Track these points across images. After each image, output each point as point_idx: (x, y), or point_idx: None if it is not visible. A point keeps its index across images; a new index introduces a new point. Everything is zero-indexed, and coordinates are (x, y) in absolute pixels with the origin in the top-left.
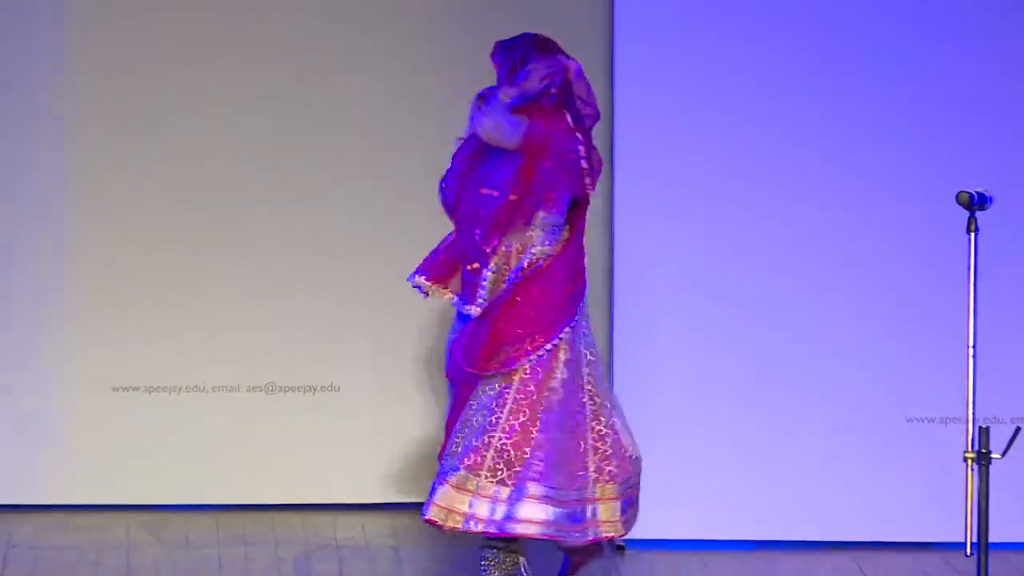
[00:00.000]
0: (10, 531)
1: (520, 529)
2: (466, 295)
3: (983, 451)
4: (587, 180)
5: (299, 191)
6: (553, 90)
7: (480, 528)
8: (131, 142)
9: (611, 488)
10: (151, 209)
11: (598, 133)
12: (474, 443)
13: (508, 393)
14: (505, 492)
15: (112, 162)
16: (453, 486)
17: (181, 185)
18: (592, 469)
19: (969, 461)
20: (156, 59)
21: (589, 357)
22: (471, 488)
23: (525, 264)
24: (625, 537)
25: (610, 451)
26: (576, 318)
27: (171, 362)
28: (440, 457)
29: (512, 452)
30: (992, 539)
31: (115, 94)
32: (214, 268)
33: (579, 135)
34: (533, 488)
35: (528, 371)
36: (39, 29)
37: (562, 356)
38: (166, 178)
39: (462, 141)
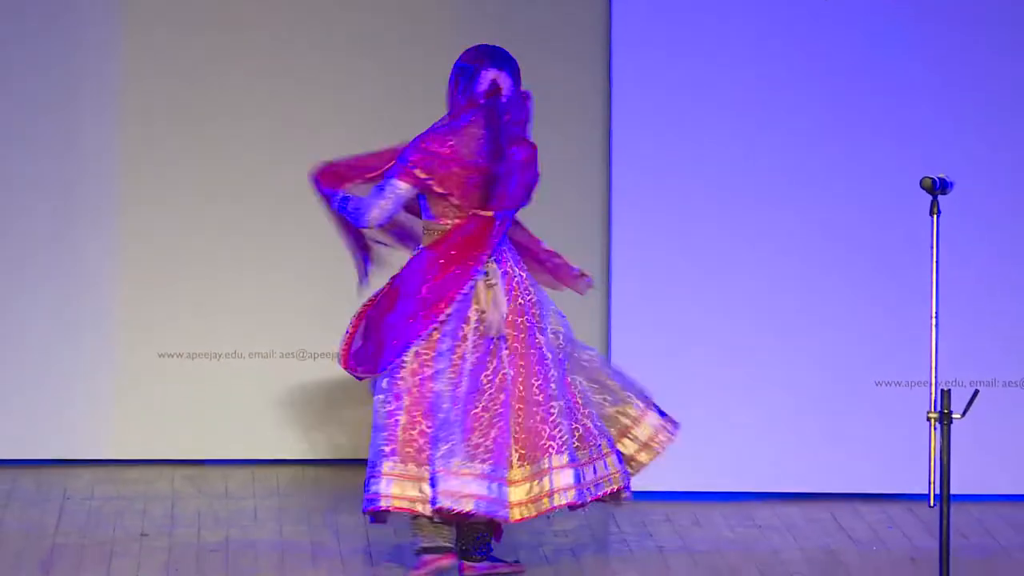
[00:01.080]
0: (65, 483)
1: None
2: None
3: (945, 412)
4: None
5: None
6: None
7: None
8: (171, 137)
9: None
10: (194, 197)
11: (595, 126)
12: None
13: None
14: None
15: (157, 155)
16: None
17: (219, 176)
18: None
19: (932, 421)
20: (195, 69)
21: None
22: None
23: None
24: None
25: None
26: None
27: (212, 331)
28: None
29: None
30: (953, 491)
31: (163, 96)
32: (250, 248)
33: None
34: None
35: None
36: (90, 37)
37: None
38: (204, 170)
39: None
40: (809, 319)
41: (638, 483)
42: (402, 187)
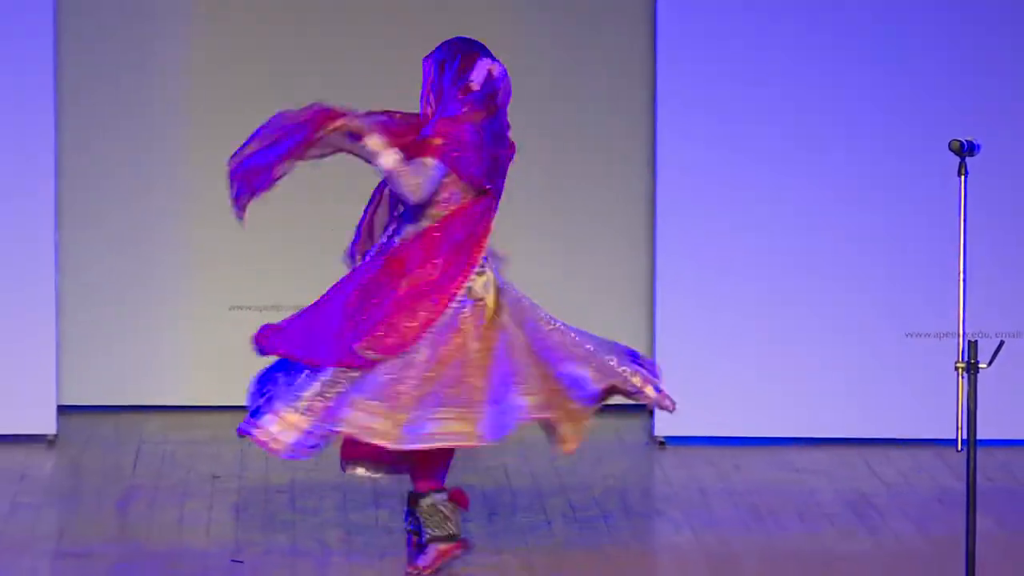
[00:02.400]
0: (141, 429)
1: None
2: None
3: (972, 362)
4: None
5: None
6: None
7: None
8: (241, 95)
9: None
10: None
11: (640, 110)
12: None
13: None
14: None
15: (229, 112)
16: None
17: None
18: None
19: (960, 370)
20: (266, 28)
21: None
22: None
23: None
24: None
25: None
26: None
27: (280, 284)
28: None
29: None
30: (979, 437)
31: (232, 55)
32: (318, 203)
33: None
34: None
35: None
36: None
37: None
38: None
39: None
40: (844, 276)
41: (680, 429)
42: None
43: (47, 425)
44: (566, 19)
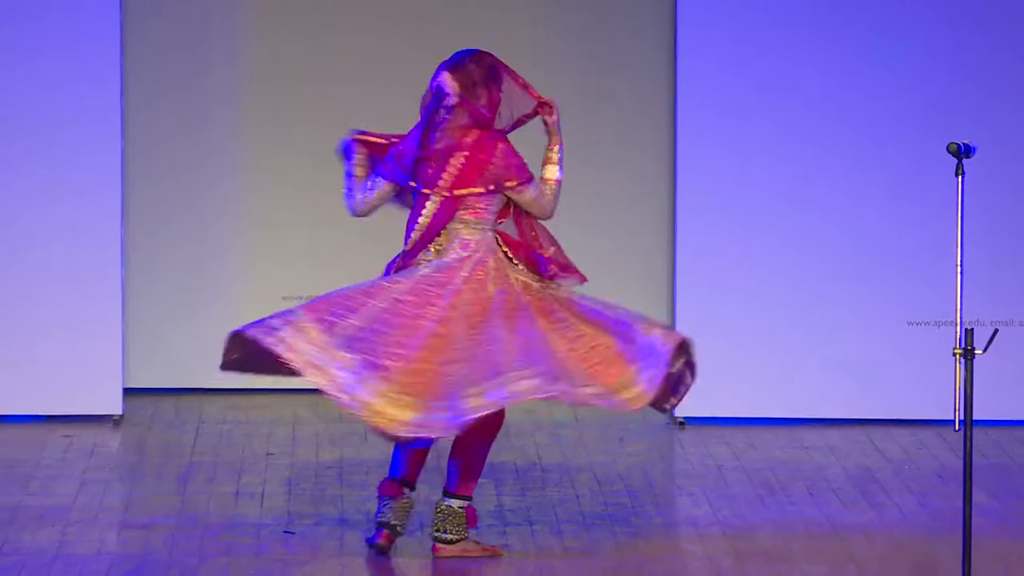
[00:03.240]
0: (201, 409)
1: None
2: None
3: (968, 348)
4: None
5: None
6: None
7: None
8: (294, 97)
9: None
10: (312, 152)
11: (660, 104)
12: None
13: None
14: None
15: (280, 113)
16: None
17: (338, 131)
18: None
19: (957, 356)
20: (319, 26)
21: None
22: None
23: None
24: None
25: None
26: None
27: (329, 276)
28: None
29: None
30: (975, 417)
31: (287, 56)
32: None
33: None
34: None
35: None
36: (213, 35)
37: None
38: (327, 124)
39: None
40: (851, 268)
41: (698, 409)
42: None
43: (114, 406)
44: (589, 24)
